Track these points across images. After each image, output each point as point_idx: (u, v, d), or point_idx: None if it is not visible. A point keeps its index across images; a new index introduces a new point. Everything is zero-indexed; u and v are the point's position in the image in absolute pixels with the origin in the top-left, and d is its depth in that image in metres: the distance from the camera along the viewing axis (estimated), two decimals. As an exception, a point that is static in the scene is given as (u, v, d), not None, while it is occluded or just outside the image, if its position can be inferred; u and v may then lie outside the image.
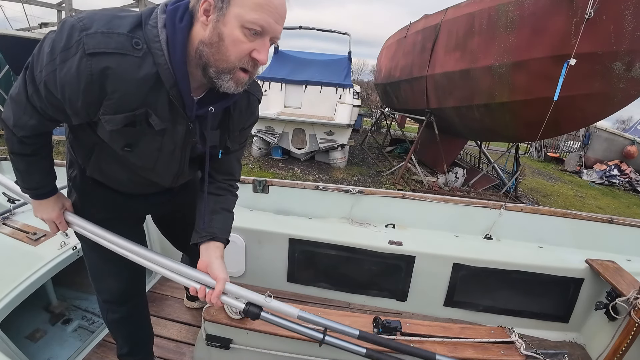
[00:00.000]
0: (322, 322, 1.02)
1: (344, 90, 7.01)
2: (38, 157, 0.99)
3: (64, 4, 6.76)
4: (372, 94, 17.73)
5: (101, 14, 0.75)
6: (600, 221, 2.30)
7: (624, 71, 3.72)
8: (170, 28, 0.77)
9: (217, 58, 0.77)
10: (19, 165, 1.00)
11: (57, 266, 1.49)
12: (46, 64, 0.75)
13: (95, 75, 0.74)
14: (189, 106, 0.85)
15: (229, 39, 0.75)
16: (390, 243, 2.00)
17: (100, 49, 0.72)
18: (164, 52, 0.76)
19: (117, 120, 0.81)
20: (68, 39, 0.73)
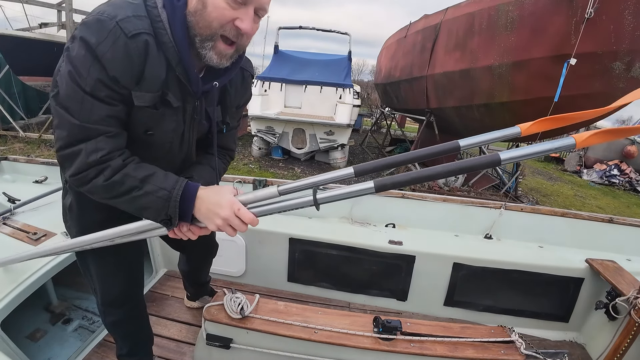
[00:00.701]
0: (306, 182, 0.86)
1: (344, 90, 7.02)
2: (134, 163, 0.85)
3: (64, 4, 6.76)
4: (372, 94, 17.73)
5: (116, 3, 0.77)
6: (600, 221, 2.30)
7: (624, 71, 3.72)
8: (169, 7, 0.80)
9: (201, 25, 0.80)
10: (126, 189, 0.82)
11: (58, 266, 1.49)
12: (90, 65, 0.75)
13: (142, 52, 0.77)
14: (195, 82, 0.88)
15: (211, 5, 0.77)
16: (391, 243, 2.00)
17: (139, 30, 0.76)
18: (167, 31, 0.80)
19: (146, 98, 0.83)
20: (101, 31, 0.74)
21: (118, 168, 0.81)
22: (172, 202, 0.83)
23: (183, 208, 0.84)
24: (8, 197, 1.93)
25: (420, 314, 2.07)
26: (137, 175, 0.82)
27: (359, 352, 1.25)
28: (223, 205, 0.83)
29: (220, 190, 0.87)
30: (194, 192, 0.85)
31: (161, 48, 0.80)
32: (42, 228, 1.68)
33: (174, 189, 0.83)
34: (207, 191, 0.86)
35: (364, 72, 30.26)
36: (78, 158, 0.78)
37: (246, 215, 0.83)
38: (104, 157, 0.79)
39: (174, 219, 0.84)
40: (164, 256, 2.24)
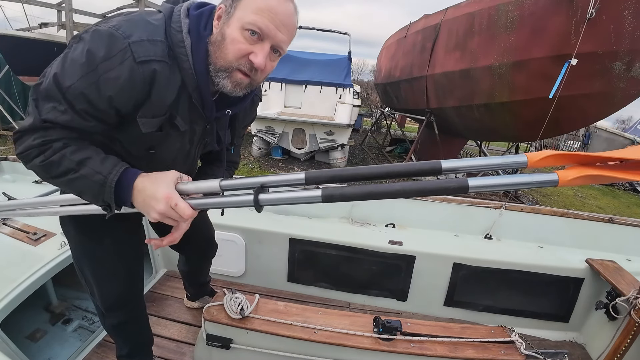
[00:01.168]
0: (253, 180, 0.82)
1: (344, 90, 7.02)
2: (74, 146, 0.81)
3: (64, 4, 6.77)
4: (372, 94, 17.73)
5: (136, 21, 0.77)
6: (600, 221, 2.30)
7: (624, 71, 3.72)
8: (195, 35, 0.81)
9: (217, 56, 0.81)
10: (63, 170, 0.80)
11: (58, 266, 1.49)
12: (83, 76, 0.73)
13: (147, 82, 0.77)
14: (209, 108, 0.90)
15: (229, 38, 0.79)
16: (391, 243, 2.00)
17: (149, 57, 0.75)
18: (188, 58, 0.80)
19: (153, 123, 0.85)
20: (110, 48, 0.73)
21: (58, 149, 0.79)
22: (107, 188, 0.80)
23: (119, 195, 0.82)
24: (8, 197, 1.93)
25: (420, 314, 2.07)
26: (74, 158, 0.79)
27: (359, 352, 1.25)
28: (159, 199, 0.79)
29: (159, 179, 0.82)
30: (130, 181, 0.82)
31: (179, 72, 0.82)
32: (42, 228, 1.68)
33: (110, 174, 0.80)
34: (145, 181, 0.82)
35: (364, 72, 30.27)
36: (25, 141, 0.79)
37: (184, 211, 0.80)
38: (47, 140, 0.78)
39: (112, 205, 0.82)
40: (164, 256, 2.24)
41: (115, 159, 0.84)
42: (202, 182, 0.84)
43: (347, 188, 0.75)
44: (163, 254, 2.23)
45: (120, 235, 1.13)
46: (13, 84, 7.25)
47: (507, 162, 0.72)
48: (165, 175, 0.83)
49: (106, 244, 1.11)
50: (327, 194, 0.74)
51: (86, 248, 1.13)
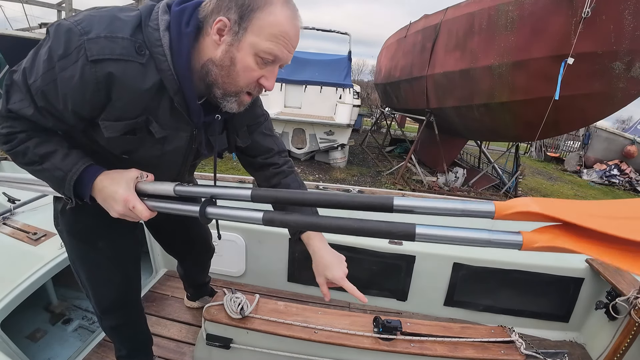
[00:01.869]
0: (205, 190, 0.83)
1: (344, 90, 7.02)
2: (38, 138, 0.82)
3: (64, 4, 6.76)
4: (372, 94, 17.72)
5: (100, 16, 0.71)
6: (600, 221, 2.30)
7: (624, 71, 3.72)
8: (175, 32, 0.73)
9: (226, 81, 0.77)
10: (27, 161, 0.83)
11: (58, 266, 1.49)
12: (43, 73, 0.70)
13: (102, 83, 0.71)
14: (195, 113, 0.83)
15: (241, 65, 0.75)
16: (391, 243, 2.00)
17: (104, 55, 0.69)
18: (167, 58, 0.73)
19: (117, 127, 0.78)
20: (67, 45, 0.68)
21: (23, 140, 0.81)
22: (66, 184, 0.82)
23: (78, 192, 0.84)
24: (8, 197, 1.93)
25: (420, 314, 2.07)
26: (37, 151, 0.81)
27: (359, 352, 1.25)
28: (117, 200, 0.81)
29: (118, 179, 0.83)
30: (91, 179, 0.83)
31: (156, 73, 0.74)
32: (42, 228, 1.67)
33: (70, 171, 0.82)
34: (105, 180, 0.83)
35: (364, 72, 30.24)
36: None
37: (141, 213, 0.82)
38: (13, 132, 0.80)
39: (72, 199, 0.85)
40: (164, 256, 2.24)
41: (78, 156, 0.84)
42: (159, 184, 0.86)
43: (290, 216, 0.75)
44: (163, 254, 2.23)
45: (115, 237, 1.10)
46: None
47: (470, 208, 0.63)
48: (125, 174, 0.84)
49: (100, 248, 1.08)
50: (268, 218, 0.74)
51: (80, 251, 1.10)
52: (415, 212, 0.65)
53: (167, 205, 0.84)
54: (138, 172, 0.86)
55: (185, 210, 0.82)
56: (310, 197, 0.73)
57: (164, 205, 0.84)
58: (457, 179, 6.36)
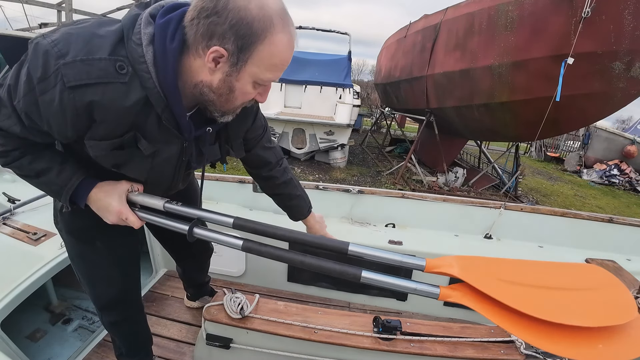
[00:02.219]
0: (192, 211, 0.92)
1: (344, 90, 7.02)
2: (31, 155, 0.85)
3: (64, 4, 6.77)
4: (372, 94, 17.72)
5: (77, 34, 0.67)
6: (600, 221, 2.30)
7: (624, 71, 3.72)
8: (160, 48, 0.70)
9: (225, 105, 0.79)
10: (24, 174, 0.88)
11: (58, 266, 1.49)
12: (24, 95, 0.70)
13: (81, 109, 0.69)
14: (185, 127, 0.81)
15: (240, 92, 0.76)
16: (391, 243, 2.00)
17: (81, 81, 0.66)
18: (151, 75, 0.70)
19: (102, 146, 0.78)
20: (45, 68, 0.66)
21: (16, 157, 0.84)
22: (63, 197, 0.89)
23: (74, 202, 0.91)
24: (8, 197, 1.93)
25: (420, 313, 2.07)
26: (33, 167, 0.86)
27: (359, 352, 1.25)
28: (111, 212, 0.90)
29: (111, 192, 0.90)
30: (85, 192, 0.90)
31: (141, 90, 0.72)
32: (42, 228, 1.67)
33: (65, 186, 0.87)
34: (99, 192, 0.90)
35: (364, 72, 30.26)
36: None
37: (133, 223, 0.91)
38: (5, 150, 0.83)
39: (68, 208, 0.93)
40: (164, 256, 2.24)
41: (72, 170, 0.88)
42: (150, 197, 0.94)
43: (265, 248, 0.86)
44: (163, 254, 2.23)
45: (114, 235, 1.09)
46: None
47: (405, 261, 0.82)
48: (117, 187, 0.91)
49: (99, 246, 1.09)
50: (247, 246, 0.86)
51: (78, 249, 1.11)
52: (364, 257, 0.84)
53: (158, 218, 0.93)
54: (129, 184, 0.93)
55: (175, 226, 0.91)
56: (281, 233, 0.90)
57: (155, 218, 0.93)
58: (457, 179, 6.36)
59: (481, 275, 0.73)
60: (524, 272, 0.74)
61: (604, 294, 0.68)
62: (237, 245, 0.86)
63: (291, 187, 1.28)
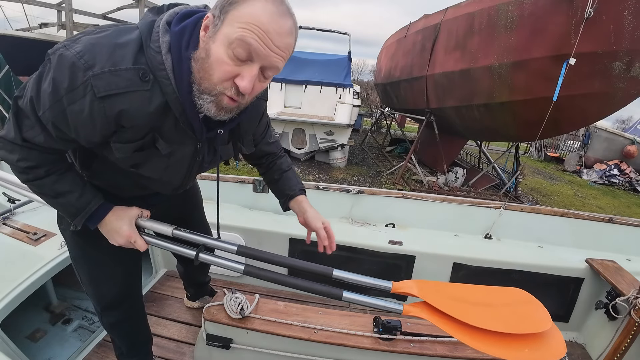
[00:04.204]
0: (198, 238, 1.01)
1: (344, 90, 7.01)
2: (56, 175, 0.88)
3: (63, 4, 6.76)
4: (372, 94, 17.72)
5: (101, 45, 0.70)
6: (600, 221, 2.30)
7: (624, 71, 3.72)
8: (176, 55, 0.73)
9: (201, 75, 0.73)
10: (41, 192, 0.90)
11: (58, 266, 1.49)
12: (51, 105, 0.72)
13: (111, 117, 0.73)
14: (198, 129, 0.84)
15: (214, 57, 0.70)
16: (390, 243, 2.00)
17: (111, 91, 0.70)
18: (171, 81, 0.74)
19: (127, 149, 0.82)
20: (72, 80, 0.69)
21: (39, 176, 0.86)
22: (77, 219, 0.93)
23: (87, 224, 0.95)
24: (8, 197, 1.93)
25: (420, 314, 2.07)
26: (55, 188, 0.88)
27: (359, 352, 1.25)
28: (121, 235, 0.96)
29: (122, 217, 0.97)
30: (100, 217, 0.95)
31: (162, 96, 0.75)
32: (42, 228, 1.68)
33: (83, 210, 0.92)
34: (112, 216, 0.96)
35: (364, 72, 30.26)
36: (10, 155, 0.83)
37: (141, 247, 0.98)
38: (30, 166, 0.84)
39: (78, 228, 0.96)
40: (164, 256, 2.24)
41: (92, 194, 0.94)
42: (159, 224, 1.01)
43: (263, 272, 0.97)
44: (163, 254, 2.23)
45: None
46: (13, 84, 7.25)
47: (374, 283, 0.99)
48: (128, 212, 0.98)
49: (102, 245, 1.08)
50: (248, 270, 0.98)
51: (83, 249, 1.12)
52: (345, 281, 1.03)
53: (165, 243, 1.01)
54: (139, 211, 1.00)
55: (182, 251, 1.00)
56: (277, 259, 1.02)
57: (163, 243, 1.01)
58: (457, 179, 6.36)
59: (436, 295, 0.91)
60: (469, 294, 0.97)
61: (526, 310, 0.92)
62: (239, 269, 0.98)
63: (283, 162, 1.30)
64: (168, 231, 1.00)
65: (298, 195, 1.24)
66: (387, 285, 0.95)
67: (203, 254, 0.99)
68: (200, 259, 0.98)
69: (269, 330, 1.26)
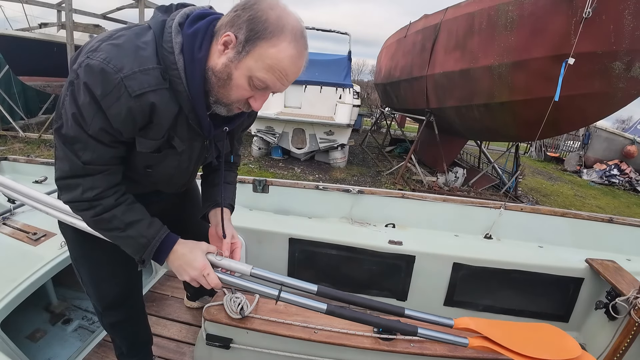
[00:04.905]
0: (277, 278, 1.00)
1: (344, 90, 7.01)
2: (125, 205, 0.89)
3: (63, 4, 6.76)
4: (372, 94, 17.72)
5: (123, 49, 0.74)
6: (600, 221, 2.30)
7: (624, 71, 3.72)
8: (189, 57, 0.77)
9: (220, 92, 0.81)
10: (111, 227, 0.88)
11: (57, 266, 1.49)
12: (94, 115, 0.75)
13: (146, 111, 0.77)
14: (207, 128, 0.89)
15: (235, 83, 0.78)
16: (390, 243, 2.00)
17: (144, 89, 0.74)
18: (182, 81, 0.78)
19: (148, 145, 0.85)
20: (105, 84, 0.72)
21: (109, 207, 0.86)
22: (148, 250, 0.90)
23: (157, 257, 0.92)
24: (8, 197, 1.93)
25: (420, 314, 2.07)
26: (125, 219, 0.88)
27: (359, 352, 1.25)
28: (195, 267, 0.92)
29: (196, 249, 0.94)
30: (169, 247, 0.92)
31: (174, 95, 0.80)
32: (42, 228, 1.68)
33: (153, 239, 0.90)
34: (184, 248, 0.93)
35: (364, 72, 30.26)
36: (74, 191, 0.83)
37: (213, 281, 0.93)
38: (98, 195, 0.84)
39: (147, 262, 0.93)
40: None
41: (159, 224, 0.93)
42: (236, 263, 0.98)
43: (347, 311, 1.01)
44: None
45: None
46: (13, 84, 7.26)
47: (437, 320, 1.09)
48: (200, 246, 0.95)
49: (104, 246, 1.09)
50: (330, 310, 0.99)
51: (83, 249, 1.13)
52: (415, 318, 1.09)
53: (241, 282, 0.96)
54: (210, 247, 0.98)
55: (263, 292, 0.96)
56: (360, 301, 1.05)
57: (239, 282, 0.96)
58: (457, 179, 6.36)
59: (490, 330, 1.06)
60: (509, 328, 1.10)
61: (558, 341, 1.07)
62: (322, 309, 0.99)
63: (230, 174, 1.24)
64: (247, 270, 0.98)
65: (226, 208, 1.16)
66: (449, 322, 1.08)
67: (284, 293, 0.98)
68: (281, 299, 0.97)
69: (269, 330, 1.26)
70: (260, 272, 0.98)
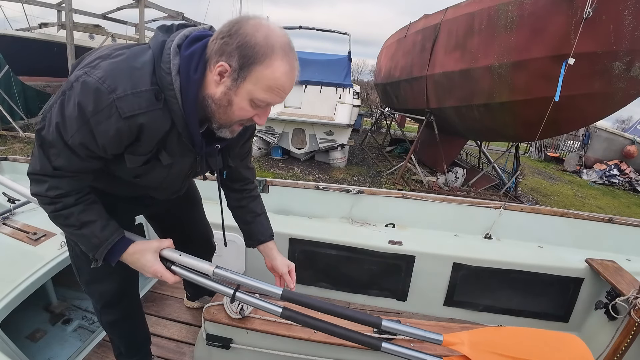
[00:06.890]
0: (238, 278, 1.01)
1: (344, 90, 7.01)
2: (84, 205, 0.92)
3: (63, 4, 6.76)
4: (372, 94, 17.73)
5: (120, 70, 0.76)
6: (600, 221, 2.30)
7: (624, 71, 3.72)
8: (185, 77, 0.80)
9: (221, 117, 0.85)
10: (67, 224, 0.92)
11: (57, 266, 1.49)
12: (78, 129, 0.77)
13: (134, 131, 0.80)
14: (199, 146, 0.91)
15: (236, 106, 0.82)
16: (390, 243, 2.00)
17: (134, 111, 0.76)
18: (178, 100, 0.80)
19: (137, 160, 0.87)
20: (97, 103, 0.74)
21: (68, 205, 0.89)
22: (99, 251, 0.94)
23: (108, 258, 0.96)
24: (8, 197, 1.93)
25: (420, 314, 2.07)
26: (81, 218, 0.91)
27: (358, 352, 1.25)
28: (147, 271, 0.97)
29: (147, 252, 0.98)
30: (121, 251, 0.96)
31: (169, 114, 0.82)
32: (42, 228, 1.68)
33: (106, 241, 0.94)
34: (135, 252, 0.97)
35: (364, 72, 30.28)
36: (40, 186, 0.87)
37: (168, 280, 0.99)
38: (60, 195, 0.87)
39: (100, 261, 0.96)
40: (164, 256, 2.23)
41: (114, 227, 0.96)
42: (200, 261, 1.03)
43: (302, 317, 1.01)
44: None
45: None
46: (13, 84, 7.25)
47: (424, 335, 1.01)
48: (151, 246, 0.99)
49: None
50: (286, 314, 1.00)
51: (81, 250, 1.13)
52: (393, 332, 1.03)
53: (199, 278, 1.02)
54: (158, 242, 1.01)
55: (217, 289, 1.03)
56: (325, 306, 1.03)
57: (196, 278, 1.02)
58: (457, 179, 6.36)
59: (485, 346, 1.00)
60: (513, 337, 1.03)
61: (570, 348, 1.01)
62: (277, 312, 1.00)
63: (257, 204, 1.32)
64: (210, 270, 1.01)
65: (269, 241, 1.30)
66: (437, 339, 0.99)
67: (240, 293, 1.01)
68: (236, 298, 1.01)
69: (268, 330, 1.26)
70: (222, 272, 1.01)
